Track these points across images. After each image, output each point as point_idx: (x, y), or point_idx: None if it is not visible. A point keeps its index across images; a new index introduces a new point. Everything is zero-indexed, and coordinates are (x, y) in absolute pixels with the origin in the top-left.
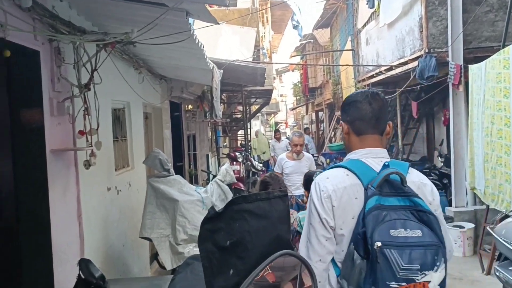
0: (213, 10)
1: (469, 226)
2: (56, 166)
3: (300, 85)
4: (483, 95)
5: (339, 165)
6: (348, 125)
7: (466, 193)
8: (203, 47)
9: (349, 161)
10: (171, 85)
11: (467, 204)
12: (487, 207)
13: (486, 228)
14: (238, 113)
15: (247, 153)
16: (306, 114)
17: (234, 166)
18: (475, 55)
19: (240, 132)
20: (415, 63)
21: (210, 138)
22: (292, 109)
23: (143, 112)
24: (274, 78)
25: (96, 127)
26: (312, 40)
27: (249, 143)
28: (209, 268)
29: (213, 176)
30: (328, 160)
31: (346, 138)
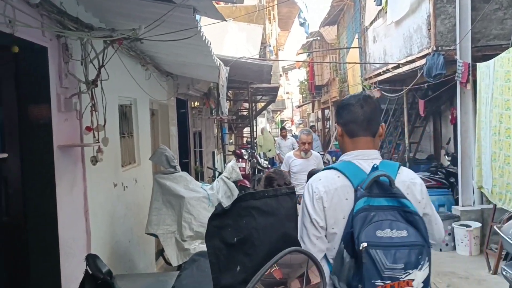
0: (220, 7)
1: (476, 225)
2: (63, 162)
3: (306, 83)
4: (491, 94)
5: (331, 167)
6: (342, 127)
7: (473, 192)
8: (210, 44)
9: (342, 163)
10: (178, 82)
11: (474, 203)
12: (494, 206)
13: (493, 227)
14: (244, 111)
15: (253, 151)
16: (312, 112)
17: (240, 163)
18: (484, 53)
19: (246, 130)
20: (423, 61)
21: (216, 135)
22: (298, 107)
23: (150, 109)
24: (280, 76)
25: (103, 124)
26: (319, 38)
27: (255, 141)
28: (216, 265)
29: (219, 173)
30: (334, 158)
31: (340, 140)
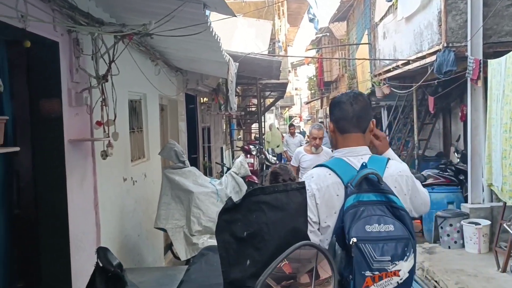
0: (229, 3)
1: (485, 223)
2: (74, 156)
3: (315, 79)
4: (503, 91)
5: (323, 165)
6: (333, 124)
7: (483, 190)
8: (219, 40)
9: (332, 160)
10: (187, 78)
11: (484, 201)
12: (504, 204)
13: (503, 225)
14: (253, 106)
15: (261, 146)
16: (321, 108)
17: (248, 159)
18: (495, 50)
19: (254, 125)
20: (433, 58)
21: (225, 131)
22: (307, 103)
23: (159, 104)
24: (289, 72)
25: (113, 118)
26: (328, 34)
27: (263, 137)
28: (226, 259)
29: (227, 169)
30: None
31: (332, 136)
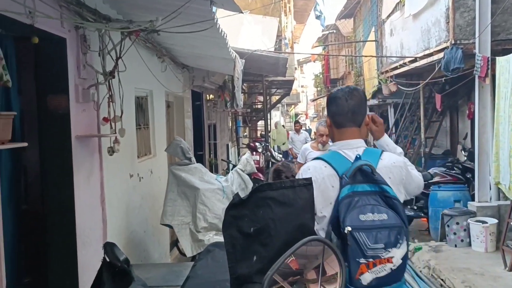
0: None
1: (492, 222)
2: (81, 152)
3: (322, 76)
4: (511, 88)
5: (319, 158)
6: (330, 119)
7: (490, 188)
8: (226, 36)
9: (328, 153)
10: (193, 74)
11: (491, 199)
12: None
13: (510, 224)
14: (259, 104)
15: (267, 144)
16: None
17: (254, 156)
18: (503, 47)
19: (260, 123)
20: (441, 55)
21: (230, 128)
22: (313, 100)
23: (165, 101)
24: (296, 69)
25: (120, 115)
26: (335, 31)
27: (269, 134)
28: (233, 254)
29: (233, 166)
30: None
31: (330, 130)
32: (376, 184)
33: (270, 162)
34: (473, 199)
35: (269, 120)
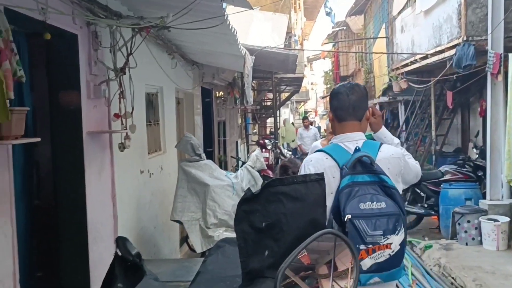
0: None
1: (504, 220)
2: (92, 148)
3: (331, 73)
4: None
5: (321, 150)
6: (332, 113)
7: (502, 186)
8: (236, 33)
9: (330, 146)
10: (203, 71)
11: (503, 197)
12: None
13: None
14: (268, 101)
15: (276, 141)
16: None
17: (263, 154)
18: None
19: (269, 120)
20: (452, 52)
21: (240, 125)
22: (323, 98)
23: (175, 98)
24: (305, 66)
25: (131, 111)
26: (345, 28)
27: (278, 131)
28: (245, 249)
29: (242, 163)
30: None
31: (332, 124)
32: (375, 175)
33: (279, 159)
34: (485, 197)
35: (279, 117)
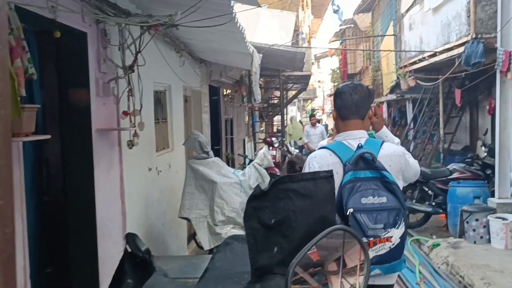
0: None
1: None
2: (101, 145)
3: (339, 71)
4: None
5: (325, 147)
6: (336, 112)
7: (511, 185)
8: (244, 31)
9: (334, 143)
10: (211, 69)
11: (511, 196)
12: None
13: None
14: (275, 99)
15: (283, 139)
16: None
17: (271, 151)
18: None
19: (277, 118)
20: (461, 49)
21: (247, 123)
22: (330, 96)
23: (183, 95)
24: (312, 64)
25: (139, 108)
26: (353, 25)
27: (285, 129)
28: (254, 245)
29: (250, 161)
30: None
31: (336, 122)
32: (377, 171)
33: (287, 157)
34: (493, 196)
35: (286, 115)
